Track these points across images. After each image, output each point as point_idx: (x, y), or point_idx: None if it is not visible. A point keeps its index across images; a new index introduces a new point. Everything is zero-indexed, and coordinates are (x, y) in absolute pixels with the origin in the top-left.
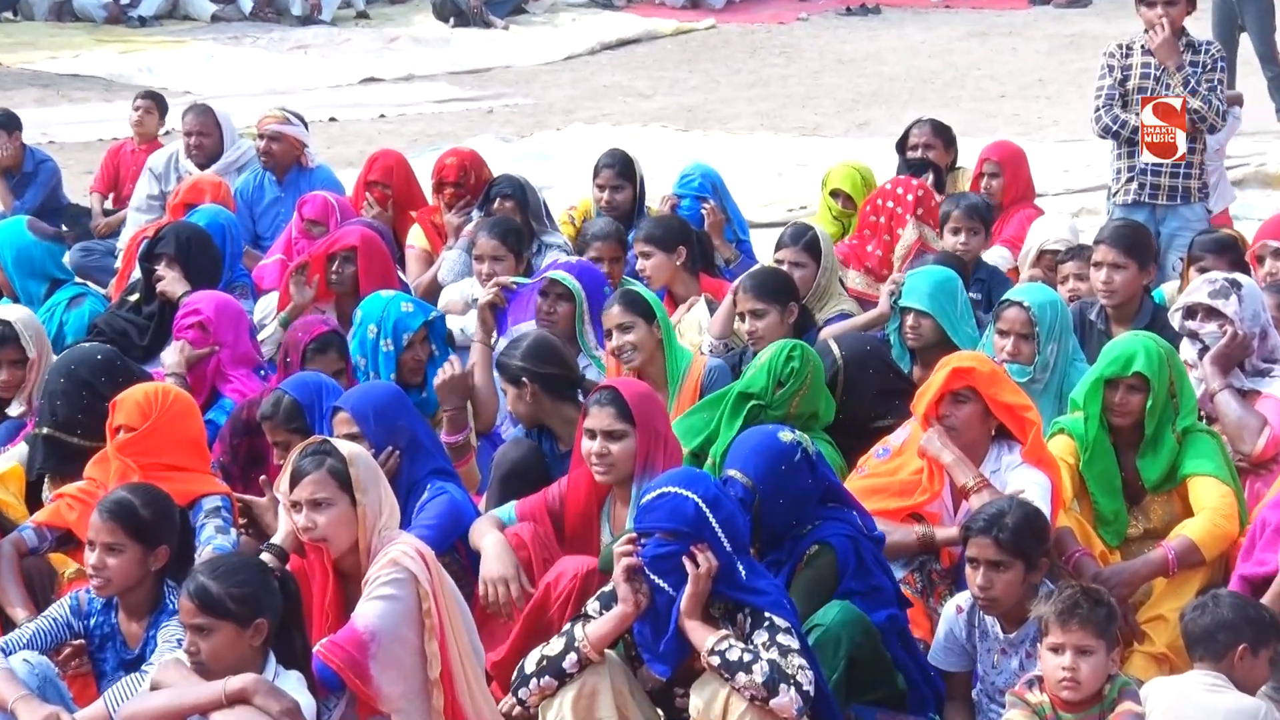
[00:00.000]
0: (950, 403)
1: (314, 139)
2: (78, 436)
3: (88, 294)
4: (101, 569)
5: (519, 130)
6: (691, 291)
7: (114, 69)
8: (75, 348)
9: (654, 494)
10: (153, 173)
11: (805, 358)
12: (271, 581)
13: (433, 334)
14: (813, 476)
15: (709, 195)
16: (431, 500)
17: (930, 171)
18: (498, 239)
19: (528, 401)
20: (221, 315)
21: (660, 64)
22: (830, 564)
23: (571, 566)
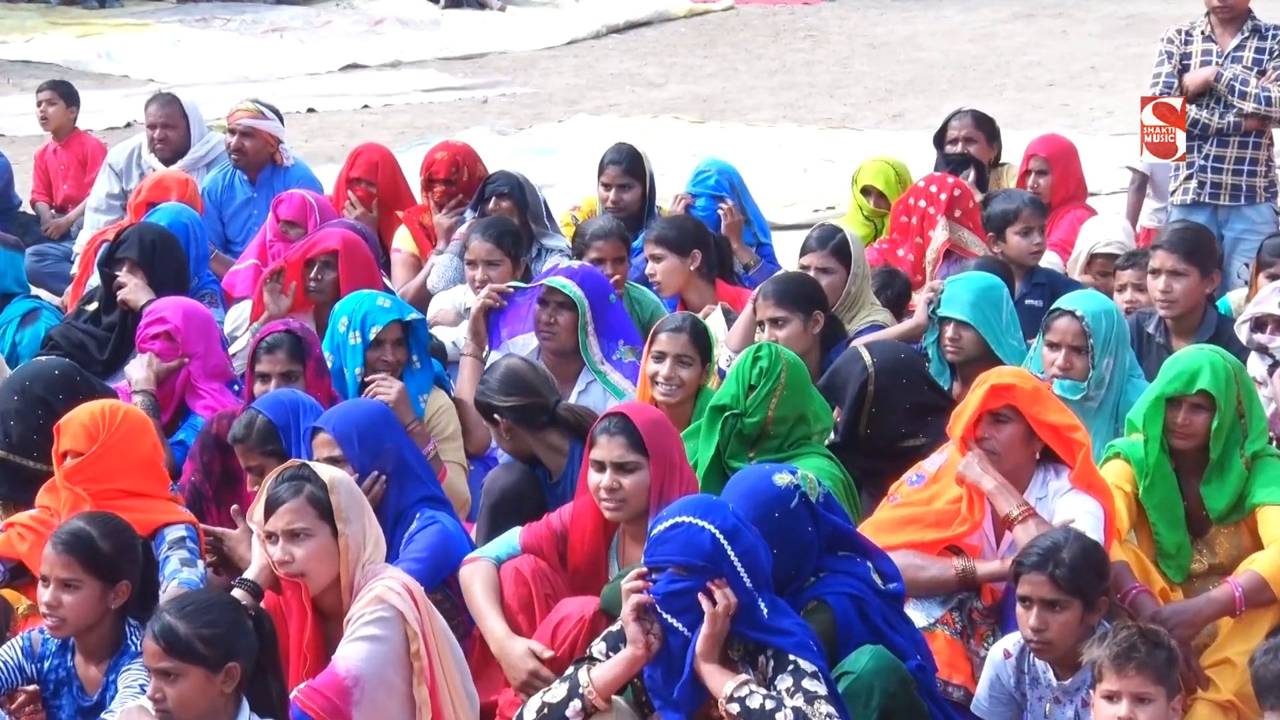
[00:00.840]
0: (990, 424)
1: (290, 132)
2: (34, 460)
3: (42, 308)
4: (56, 607)
5: (516, 122)
6: (706, 300)
7: (70, 55)
8: (30, 363)
9: (666, 524)
10: (112, 169)
11: (775, 355)
12: (244, 621)
13: (413, 341)
14: (814, 523)
15: (726, 194)
16: (421, 531)
17: (971, 168)
18: (493, 242)
19: (506, 437)
20: (190, 324)
21: (673, 49)
22: (827, 624)
23: (577, 608)
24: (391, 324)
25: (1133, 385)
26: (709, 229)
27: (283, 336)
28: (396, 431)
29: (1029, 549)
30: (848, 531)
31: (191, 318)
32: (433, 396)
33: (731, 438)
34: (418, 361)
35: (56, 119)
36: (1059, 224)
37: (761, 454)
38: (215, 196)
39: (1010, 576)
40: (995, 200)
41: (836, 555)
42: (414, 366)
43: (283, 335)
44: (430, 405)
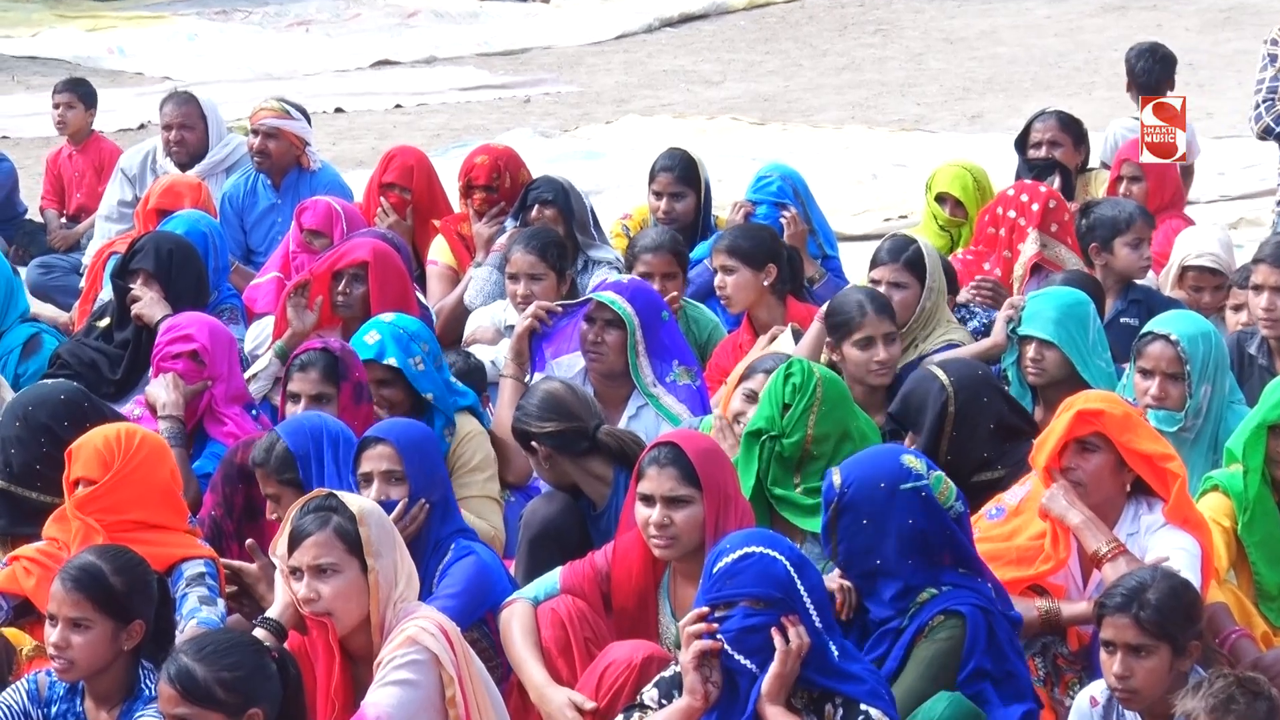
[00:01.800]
0: (1076, 453)
1: (316, 134)
2: (37, 491)
3: (42, 333)
4: (65, 648)
5: (561, 123)
6: (776, 318)
7: (79, 50)
8: (34, 386)
9: (735, 555)
10: (125, 174)
11: (808, 370)
12: (268, 663)
13: (417, 382)
14: (922, 521)
15: (789, 201)
16: (456, 563)
17: (1056, 174)
18: (535, 254)
19: (545, 466)
20: (217, 343)
21: (731, 44)
22: (957, 638)
23: (624, 654)
24: (369, 364)
25: (1233, 412)
26: (783, 243)
27: (318, 355)
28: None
29: (1112, 589)
30: (971, 553)
31: (218, 336)
32: (461, 422)
33: (772, 463)
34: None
35: (75, 123)
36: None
37: (807, 478)
38: (236, 203)
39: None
40: (1099, 208)
41: (956, 572)
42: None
43: (318, 354)
44: (458, 432)
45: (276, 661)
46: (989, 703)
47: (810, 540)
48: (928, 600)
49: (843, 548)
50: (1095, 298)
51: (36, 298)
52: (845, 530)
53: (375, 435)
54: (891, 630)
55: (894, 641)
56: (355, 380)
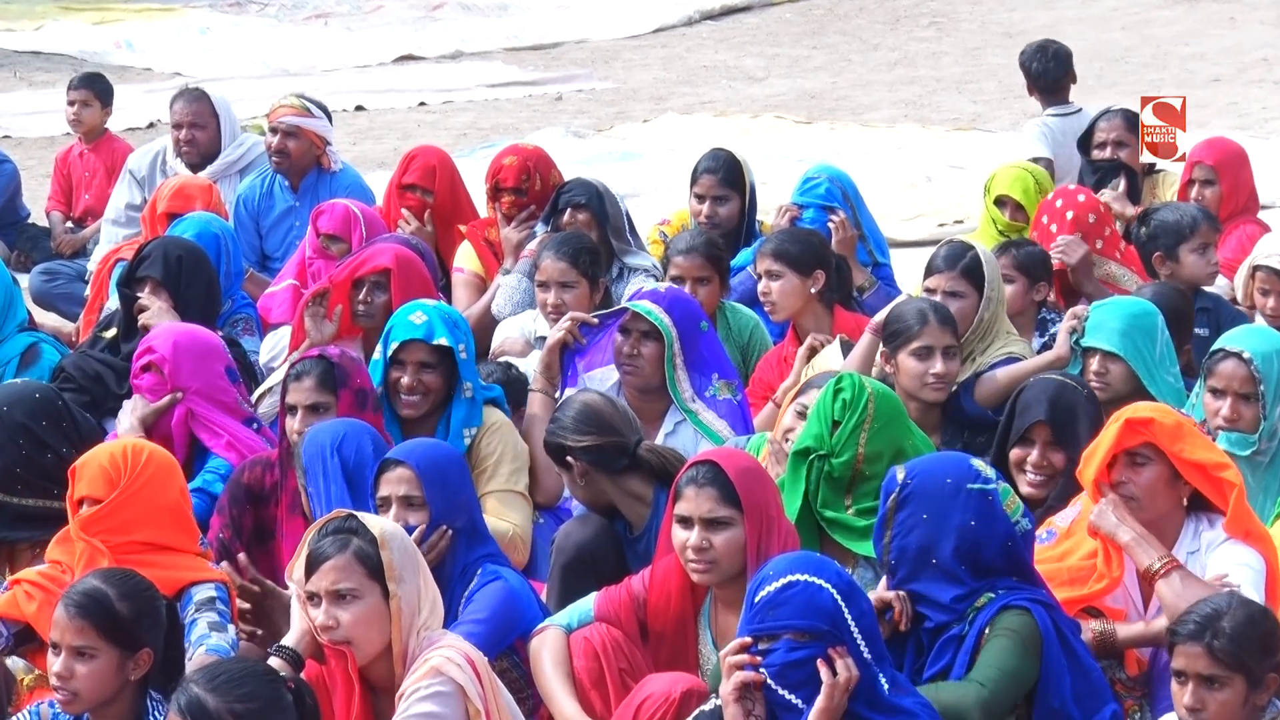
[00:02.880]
0: (1127, 466)
1: (336, 134)
2: (18, 495)
3: (41, 343)
4: (68, 678)
5: (595, 122)
6: (823, 328)
7: (85, 44)
8: (4, 386)
9: (779, 584)
10: (133, 176)
11: (859, 385)
12: (283, 694)
13: (463, 368)
14: (986, 527)
15: (838, 205)
16: (482, 588)
17: (1122, 176)
18: (567, 261)
19: (581, 484)
20: (181, 352)
21: (776, 38)
22: (1029, 625)
23: (662, 687)
24: (412, 344)
25: None
26: (831, 249)
27: (312, 363)
28: (470, 485)
29: (1185, 616)
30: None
31: (183, 345)
32: (486, 413)
33: (821, 483)
34: (469, 389)
35: (90, 121)
36: (1227, 241)
37: (859, 499)
38: (251, 206)
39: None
40: (1160, 214)
41: (1012, 579)
42: (464, 394)
43: (313, 362)
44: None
45: (293, 692)
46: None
47: (863, 565)
48: (986, 604)
49: (896, 544)
50: (1182, 312)
51: (39, 306)
52: (902, 524)
53: (394, 457)
54: (954, 638)
55: (958, 649)
56: (356, 388)
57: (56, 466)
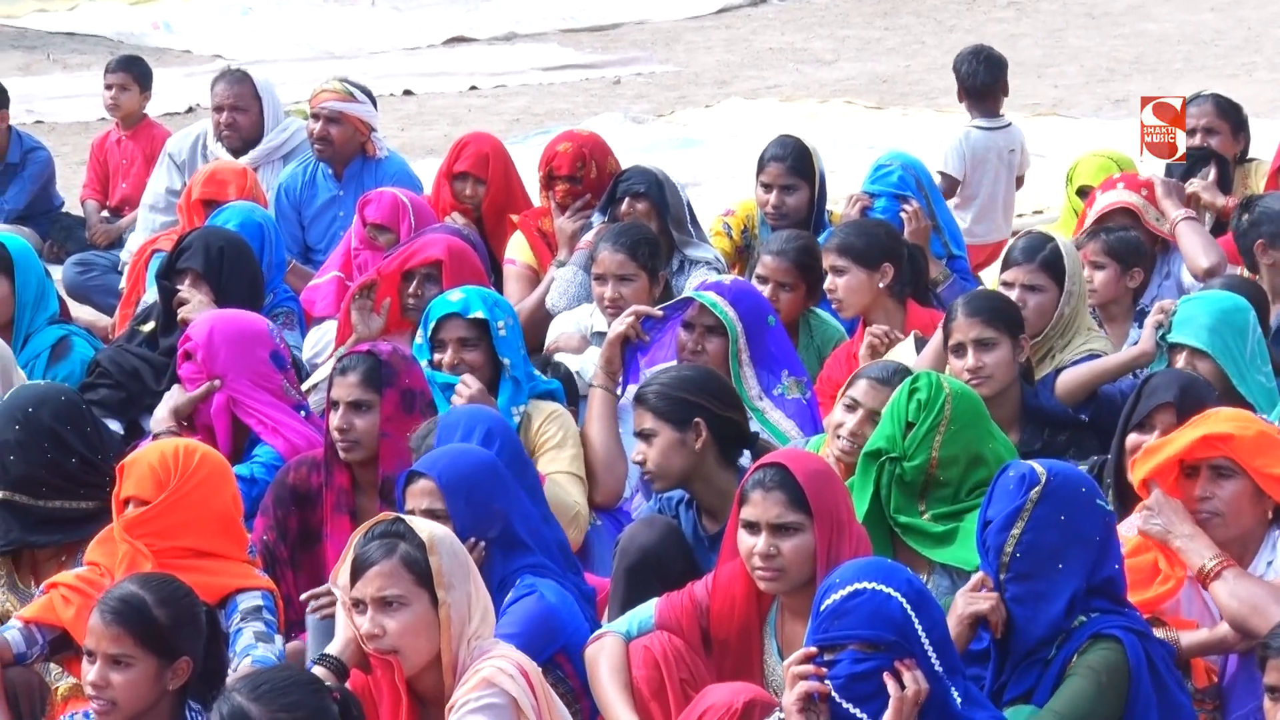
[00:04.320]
0: (1210, 480)
1: (383, 119)
2: (43, 498)
3: (73, 336)
4: (104, 687)
5: (655, 107)
6: (895, 324)
7: (121, 26)
8: (27, 387)
9: (845, 591)
10: (173, 160)
11: (935, 385)
12: (328, 705)
13: (500, 344)
14: (1106, 545)
15: (911, 194)
16: (517, 601)
17: (1212, 165)
18: (625, 252)
19: (691, 452)
20: (217, 338)
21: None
22: (1115, 660)
23: (724, 697)
24: (451, 320)
25: None
26: (903, 238)
27: (360, 358)
28: (507, 491)
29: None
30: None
31: (222, 332)
32: (544, 405)
33: (893, 487)
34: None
35: (128, 106)
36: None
37: (933, 504)
38: (293, 195)
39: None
40: (1265, 201)
41: (1105, 600)
42: (506, 372)
43: (359, 357)
44: (537, 414)
45: (338, 703)
46: None
47: (938, 572)
48: (1078, 627)
49: (1028, 538)
50: (1257, 305)
51: (73, 299)
52: (1039, 521)
53: (418, 469)
54: (1039, 660)
55: (1043, 672)
56: (404, 388)
57: (80, 470)
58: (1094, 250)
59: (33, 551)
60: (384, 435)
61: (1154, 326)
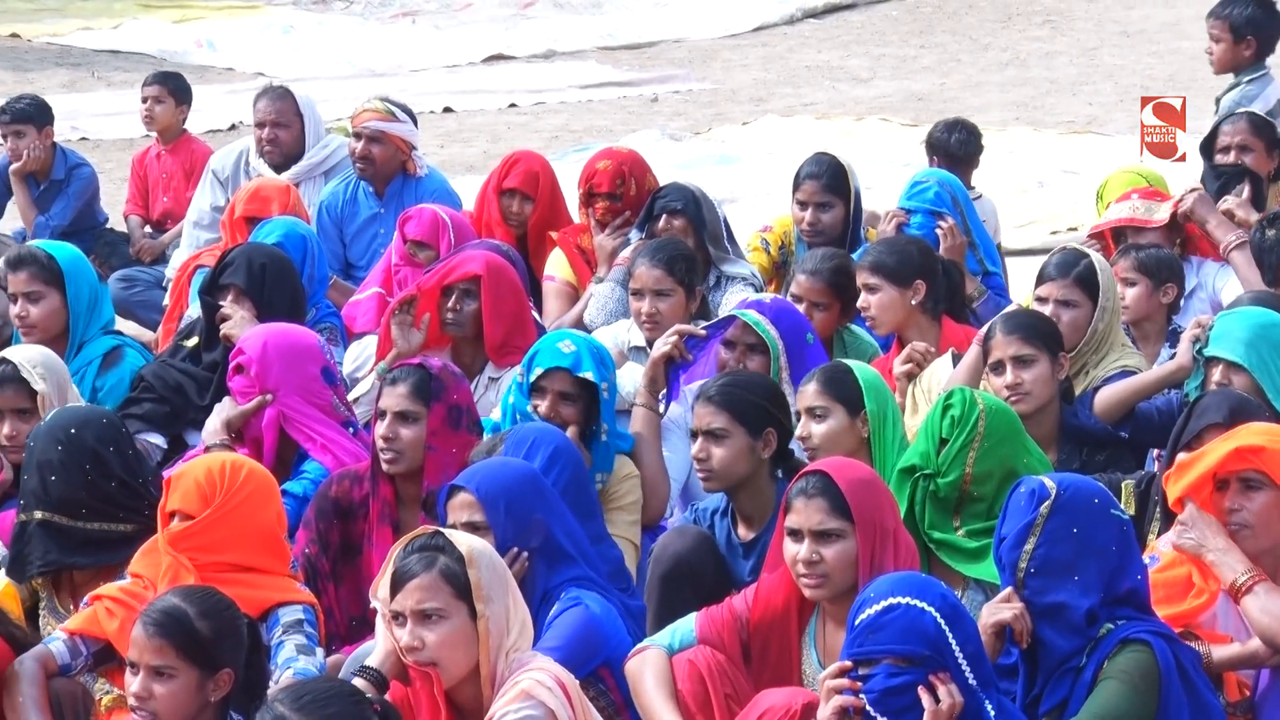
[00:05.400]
0: (1239, 492)
1: (424, 135)
2: (83, 519)
3: (125, 346)
4: (146, 699)
5: (693, 125)
6: (929, 341)
7: (165, 44)
8: (69, 409)
9: (879, 606)
10: (216, 176)
11: (970, 401)
12: (369, 716)
13: (603, 408)
14: (1122, 556)
15: (947, 210)
16: (560, 614)
17: (1246, 181)
18: (662, 268)
19: (756, 460)
20: (269, 353)
21: (882, 37)
22: (1146, 663)
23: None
24: (558, 373)
25: None
26: (937, 255)
27: (410, 370)
28: (549, 502)
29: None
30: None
31: (274, 347)
32: (621, 461)
33: (927, 503)
34: (604, 432)
35: (164, 119)
36: None
37: (968, 520)
38: (335, 212)
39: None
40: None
41: (1131, 609)
42: (600, 437)
43: (410, 369)
44: (616, 473)
45: (378, 714)
46: None
47: (973, 587)
48: (1106, 635)
49: (1042, 552)
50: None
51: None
52: (1052, 533)
53: (457, 483)
54: (1072, 669)
55: (1075, 680)
56: (452, 403)
57: (119, 493)
58: (1126, 267)
59: (71, 574)
60: (429, 449)
61: (1191, 340)
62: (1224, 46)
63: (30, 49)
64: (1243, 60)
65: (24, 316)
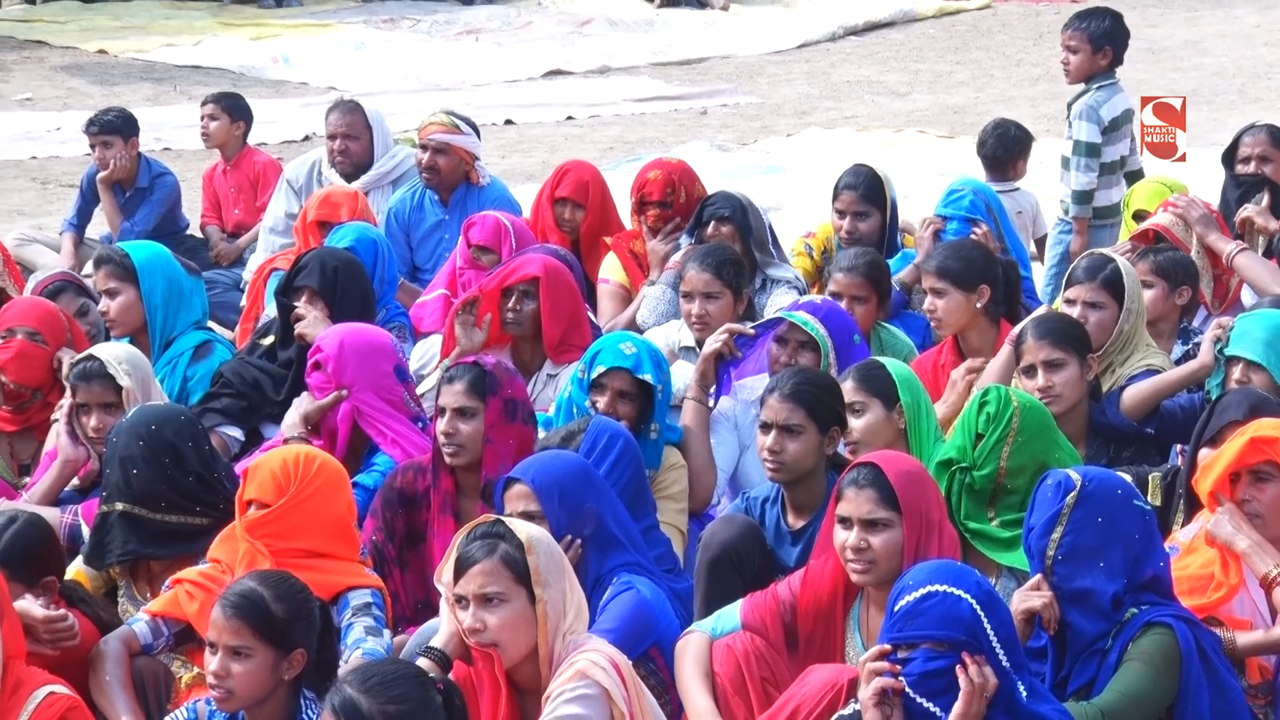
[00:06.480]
0: (1251, 483)
1: (485, 146)
2: (161, 512)
3: (215, 342)
4: (224, 677)
5: (740, 136)
6: (986, 343)
7: (243, 60)
8: (147, 407)
9: (918, 594)
10: (291, 186)
11: (1004, 399)
12: (433, 696)
13: (657, 409)
14: (1145, 544)
15: (981, 217)
16: (614, 598)
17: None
18: (711, 272)
19: (822, 455)
20: (346, 351)
21: (919, 53)
22: (1168, 645)
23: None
24: (619, 372)
25: None
26: (999, 261)
27: (466, 368)
28: (600, 492)
29: None
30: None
31: (349, 344)
32: (668, 450)
33: (963, 495)
34: (655, 431)
35: (219, 135)
36: None
37: (1002, 511)
38: (403, 218)
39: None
40: None
41: (1150, 594)
42: (650, 435)
43: (466, 367)
44: (663, 463)
45: (442, 693)
46: None
47: (1006, 575)
48: (1130, 619)
49: (1069, 540)
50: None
51: None
52: (1078, 522)
53: (513, 475)
54: (1098, 651)
55: (1101, 662)
56: (507, 397)
57: (195, 487)
58: (1143, 270)
59: (148, 564)
60: (487, 441)
61: (1212, 341)
62: (1082, 57)
63: (117, 64)
64: (1099, 69)
65: (105, 312)
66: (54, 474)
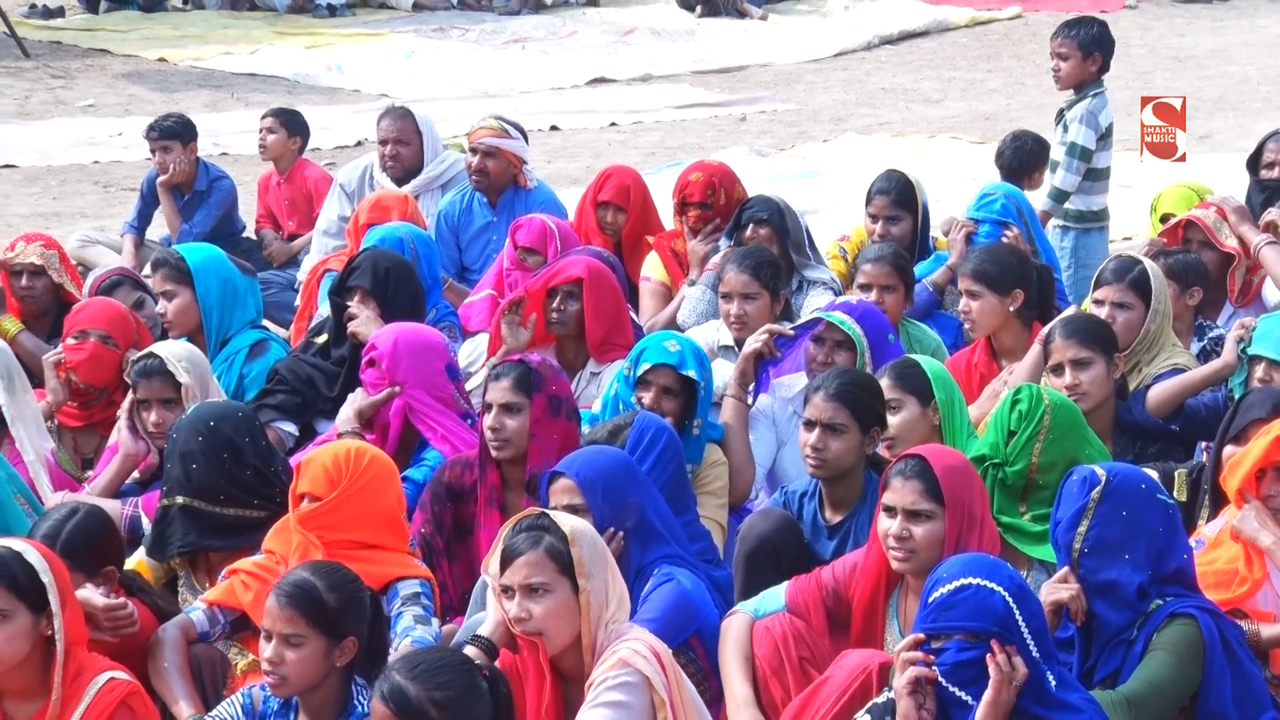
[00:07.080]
0: (1276, 480)
1: (532, 152)
2: (220, 505)
3: (271, 340)
4: (278, 664)
5: (778, 142)
6: (1019, 345)
7: (298, 67)
8: (207, 404)
9: (952, 586)
10: (344, 190)
11: (1036, 397)
12: (479, 683)
13: (699, 404)
14: (1169, 538)
15: (1012, 220)
16: (656, 589)
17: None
18: (749, 273)
19: (862, 453)
20: (400, 349)
21: (952, 62)
22: (1192, 635)
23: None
24: (664, 369)
25: None
26: (1033, 265)
27: (512, 365)
28: (642, 486)
29: None
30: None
31: (403, 343)
32: (710, 448)
33: (995, 490)
34: (697, 426)
35: (275, 148)
36: None
37: (1033, 506)
38: (452, 220)
39: None
40: None
41: (1178, 587)
42: (693, 430)
43: (512, 365)
44: (704, 460)
45: (488, 680)
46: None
47: (1037, 568)
48: (1155, 610)
49: (1095, 533)
50: None
51: None
52: (1103, 516)
53: (558, 470)
54: (1124, 641)
55: (1127, 652)
56: (552, 393)
57: (253, 481)
58: None
59: (207, 556)
60: (532, 436)
61: (1235, 340)
62: (1072, 63)
63: (176, 72)
64: (1088, 76)
65: (163, 314)
66: (115, 467)
